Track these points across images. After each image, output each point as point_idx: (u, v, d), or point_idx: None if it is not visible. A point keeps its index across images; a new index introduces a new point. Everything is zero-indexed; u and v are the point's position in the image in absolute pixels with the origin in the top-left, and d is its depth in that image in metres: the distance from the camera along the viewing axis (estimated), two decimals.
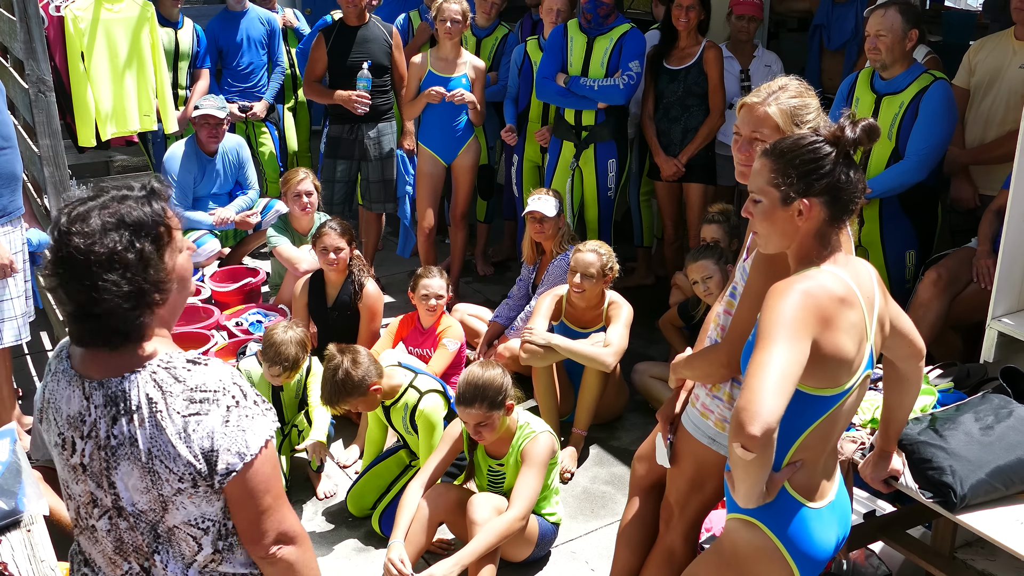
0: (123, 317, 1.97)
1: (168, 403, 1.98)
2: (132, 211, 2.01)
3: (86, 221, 1.95)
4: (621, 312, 4.62)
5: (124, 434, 2.00)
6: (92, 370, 2.04)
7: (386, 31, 6.06)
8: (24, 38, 4.17)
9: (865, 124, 2.31)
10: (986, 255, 4.13)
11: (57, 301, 2.02)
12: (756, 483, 2.22)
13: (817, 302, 2.22)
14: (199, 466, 1.99)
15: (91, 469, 2.05)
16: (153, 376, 2.00)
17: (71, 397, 2.06)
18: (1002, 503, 2.79)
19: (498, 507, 3.67)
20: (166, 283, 2.05)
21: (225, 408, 2.00)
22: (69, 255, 1.93)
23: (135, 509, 2.04)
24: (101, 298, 1.93)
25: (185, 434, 1.97)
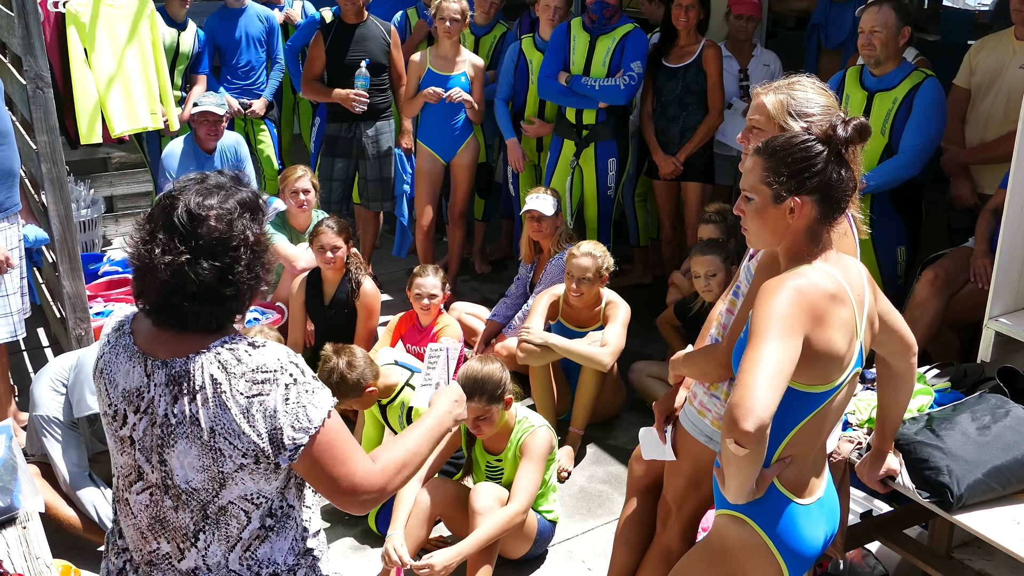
0: (243, 299, 2.08)
1: (232, 384, 2.00)
2: (244, 195, 2.09)
3: (215, 206, 2.02)
4: (618, 311, 4.62)
5: (185, 413, 2.02)
6: (158, 350, 2.07)
7: (384, 29, 6.06)
8: (22, 34, 4.14)
9: (857, 123, 2.32)
10: (983, 255, 4.14)
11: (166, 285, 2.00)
12: (747, 479, 2.23)
13: (809, 299, 2.23)
14: (263, 445, 2.01)
15: (141, 444, 2.07)
16: (218, 357, 2.03)
17: (130, 372, 2.08)
18: (999, 503, 2.80)
19: (500, 497, 3.68)
20: (272, 263, 2.15)
21: (284, 387, 2.02)
22: (205, 238, 1.99)
23: (188, 487, 2.06)
24: (236, 278, 2.03)
25: (249, 414, 2.00)
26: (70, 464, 3.88)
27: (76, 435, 3.95)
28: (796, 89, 2.73)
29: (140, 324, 2.13)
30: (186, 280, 1.99)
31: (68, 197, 4.41)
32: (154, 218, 2.04)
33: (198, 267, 1.99)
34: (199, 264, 1.99)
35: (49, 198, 4.37)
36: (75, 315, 4.46)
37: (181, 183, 2.08)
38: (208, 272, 1.99)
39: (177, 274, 1.98)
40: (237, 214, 2.04)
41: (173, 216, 2.00)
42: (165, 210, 2.02)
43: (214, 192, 2.05)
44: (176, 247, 1.98)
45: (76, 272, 4.44)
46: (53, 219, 4.36)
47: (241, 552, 2.12)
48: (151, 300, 2.05)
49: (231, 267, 2.02)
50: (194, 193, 2.03)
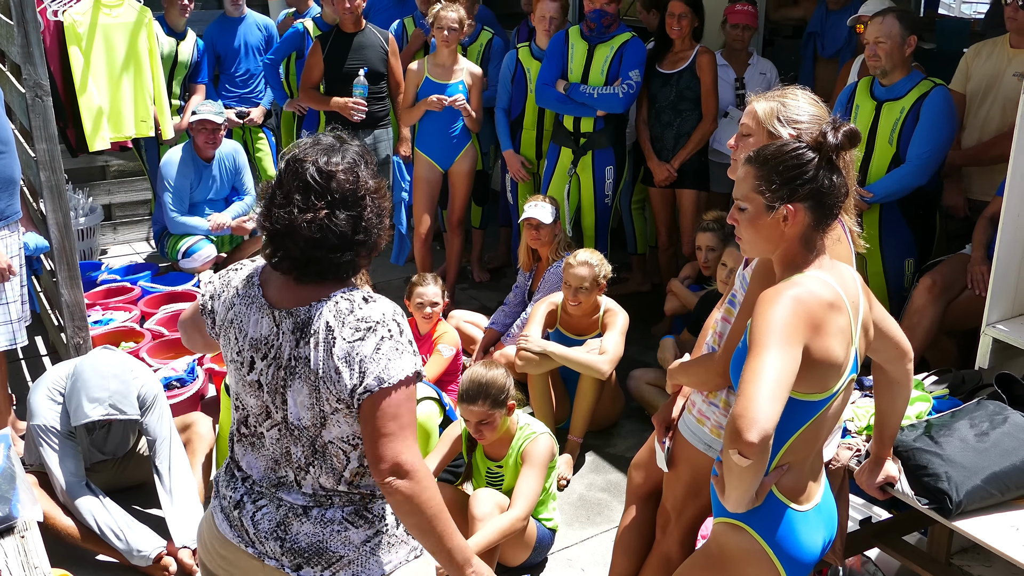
0: (372, 244, 2.29)
1: (339, 331, 2.19)
2: (356, 149, 2.30)
3: (341, 161, 2.23)
4: (616, 319, 4.62)
5: (301, 356, 2.22)
6: (284, 301, 2.27)
7: (382, 38, 6.07)
8: (21, 42, 4.15)
9: (846, 129, 2.33)
10: (980, 261, 4.15)
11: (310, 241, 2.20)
12: (748, 489, 2.23)
13: (807, 308, 2.23)
14: (349, 387, 2.18)
15: (269, 387, 2.27)
16: (335, 306, 2.22)
17: (259, 322, 2.29)
18: (998, 509, 2.80)
19: (500, 504, 3.68)
20: (388, 209, 2.34)
21: (380, 338, 2.19)
22: (338, 191, 2.20)
23: (300, 423, 2.26)
24: (367, 224, 2.24)
25: (348, 358, 2.18)
26: (67, 474, 3.88)
27: (73, 444, 3.94)
28: (788, 98, 2.74)
29: (268, 277, 2.33)
30: (327, 232, 2.19)
31: (67, 205, 4.42)
32: (284, 183, 2.23)
33: (335, 219, 2.19)
34: (336, 215, 2.19)
35: (48, 206, 4.37)
36: (73, 323, 4.46)
37: (299, 148, 2.28)
38: (344, 222, 2.20)
39: (320, 228, 2.18)
40: (358, 165, 2.26)
41: (305, 176, 2.20)
42: (295, 174, 2.22)
43: (333, 150, 2.25)
44: (314, 204, 2.19)
45: (75, 280, 4.45)
46: (52, 227, 4.36)
47: (348, 484, 2.31)
48: (293, 257, 2.23)
49: (361, 214, 2.23)
50: (316, 153, 2.23)
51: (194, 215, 6.19)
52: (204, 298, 2.43)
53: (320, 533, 2.30)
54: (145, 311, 5.61)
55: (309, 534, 2.30)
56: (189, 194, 6.20)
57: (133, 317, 5.50)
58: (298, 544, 2.30)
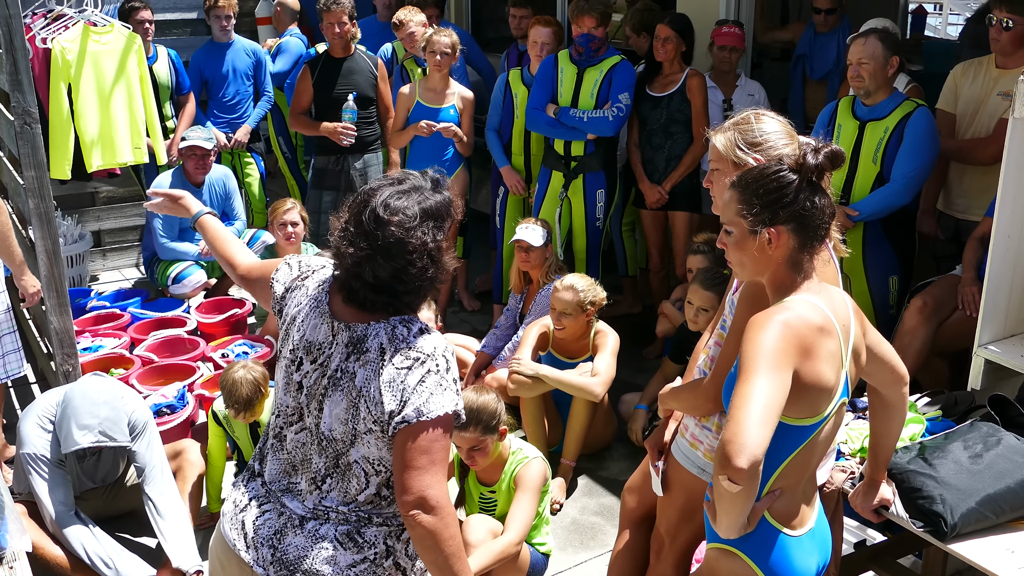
0: (417, 296, 2.32)
1: (391, 355, 2.24)
2: (430, 200, 2.32)
3: (400, 210, 2.25)
4: (607, 341, 4.62)
5: (347, 370, 2.27)
6: (345, 314, 2.33)
7: (371, 63, 6.09)
8: (10, 70, 4.14)
9: (828, 150, 2.33)
10: (971, 282, 4.16)
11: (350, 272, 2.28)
12: (740, 515, 2.22)
13: (797, 332, 2.23)
14: (393, 412, 2.22)
15: (309, 391, 2.33)
16: (392, 330, 2.27)
17: (318, 327, 2.34)
18: (992, 532, 2.79)
19: (493, 529, 3.65)
20: (449, 269, 2.37)
21: (427, 371, 2.24)
22: (385, 238, 2.23)
23: (330, 435, 2.30)
24: (408, 278, 2.26)
25: (393, 384, 2.22)
26: (56, 503, 3.84)
27: (63, 473, 3.91)
28: (743, 124, 2.73)
29: (336, 290, 2.37)
30: (363, 271, 2.25)
31: (55, 232, 4.40)
32: (351, 210, 2.30)
33: (375, 263, 2.23)
34: (375, 261, 2.23)
35: (36, 233, 4.35)
36: (63, 351, 4.43)
37: (380, 181, 2.33)
38: (383, 269, 2.24)
39: (357, 265, 2.25)
40: (418, 221, 2.26)
41: (363, 215, 2.25)
42: (360, 207, 2.28)
43: (405, 195, 2.28)
44: (359, 243, 2.24)
45: (64, 308, 4.42)
46: (40, 255, 4.34)
47: (354, 507, 2.34)
48: (341, 279, 2.32)
49: (405, 268, 2.25)
50: (387, 195, 2.27)
51: (184, 240, 6.17)
52: (275, 282, 2.50)
53: (308, 547, 2.31)
54: (135, 337, 5.58)
55: (298, 547, 2.32)
56: (179, 219, 6.18)
57: (123, 344, 5.47)
58: (287, 556, 2.32)
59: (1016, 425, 3.09)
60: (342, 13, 5.88)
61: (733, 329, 2.65)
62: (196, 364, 5.26)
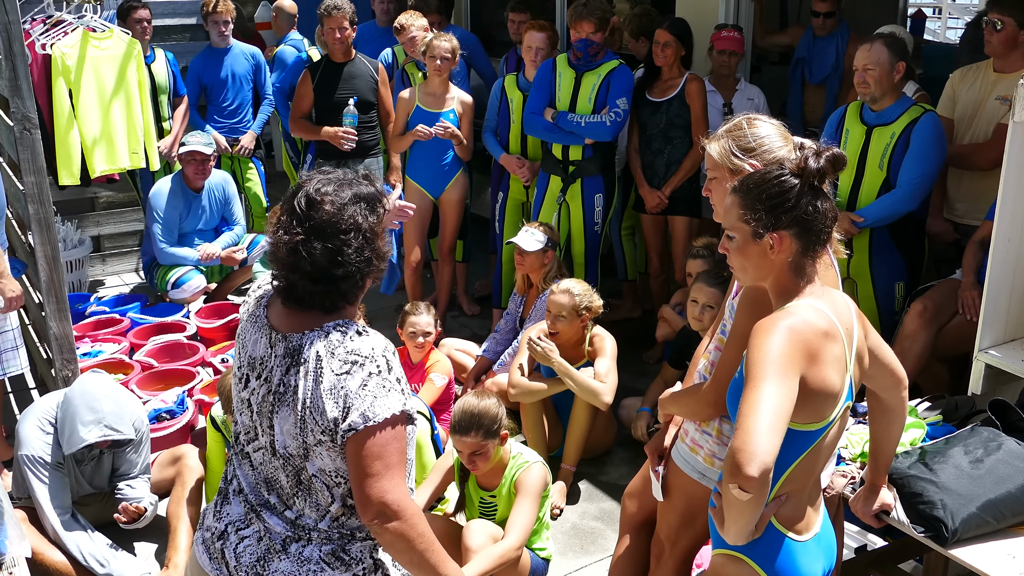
0: (357, 280, 2.27)
1: (328, 362, 2.20)
2: (363, 189, 2.32)
3: (332, 193, 2.25)
4: (606, 346, 4.60)
5: (290, 383, 2.23)
6: (283, 324, 2.30)
7: (372, 67, 6.10)
8: (9, 76, 4.15)
9: (829, 154, 2.32)
10: (971, 286, 4.16)
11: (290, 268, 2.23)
12: (749, 522, 2.21)
13: (802, 338, 2.22)
14: (337, 420, 2.18)
15: (258, 408, 2.30)
16: (327, 336, 2.23)
17: (258, 341, 2.32)
18: (993, 537, 2.78)
19: (493, 535, 3.65)
20: (386, 252, 2.34)
21: (367, 373, 2.20)
22: (319, 220, 2.21)
23: (286, 452, 2.27)
24: (345, 260, 2.22)
25: (334, 391, 2.19)
26: (54, 505, 3.84)
27: (61, 476, 3.91)
28: (734, 131, 2.73)
29: (274, 299, 2.36)
30: (300, 258, 2.20)
31: (55, 238, 4.40)
32: (285, 203, 2.29)
33: (310, 246, 2.19)
34: (311, 244, 2.20)
35: (36, 239, 4.35)
36: (62, 356, 4.43)
37: (311, 174, 2.34)
38: (319, 252, 2.20)
39: (292, 252, 2.20)
40: (350, 201, 2.25)
41: (294, 201, 2.25)
42: (291, 197, 2.27)
43: (334, 181, 2.28)
44: (293, 228, 2.21)
45: (63, 313, 4.42)
46: (40, 260, 4.34)
47: (331, 521, 2.30)
48: (280, 279, 2.28)
49: (341, 249, 2.21)
50: (316, 182, 2.28)
51: (183, 246, 6.17)
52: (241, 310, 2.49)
53: (296, 572, 2.28)
54: (134, 342, 5.58)
55: (286, 572, 2.28)
56: (178, 225, 6.19)
57: (122, 349, 5.48)
58: None
59: (1017, 430, 3.08)
60: (343, 18, 5.88)
61: (733, 334, 2.64)
62: (195, 369, 5.26)
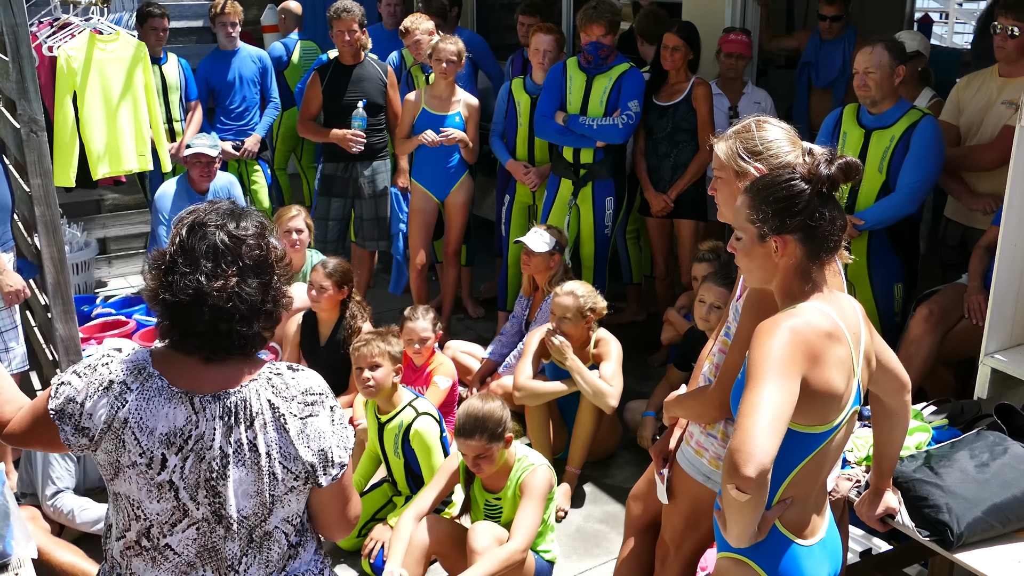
0: (277, 316, 2.18)
1: (286, 407, 2.12)
2: (257, 216, 2.21)
3: (247, 227, 2.14)
4: (611, 350, 4.60)
5: (240, 441, 2.09)
6: (203, 385, 2.10)
7: (381, 70, 6.11)
8: (16, 78, 4.16)
9: (842, 162, 2.31)
10: (977, 291, 4.15)
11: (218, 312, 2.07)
12: (749, 524, 2.21)
13: (805, 339, 2.22)
14: (316, 464, 2.14)
15: (185, 483, 2.08)
16: (269, 382, 2.13)
17: (171, 414, 2.07)
18: (999, 541, 2.78)
19: (499, 537, 3.65)
20: (290, 276, 2.26)
21: (330, 408, 2.17)
22: (249, 258, 2.11)
23: (240, 515, 2.12)
24: (274, 294, 2.15)
25: (304, 434, 2.12)
26: (60, 486, 3.87)
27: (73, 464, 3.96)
28: (743, 133, 2.73)
29: (168, 364, 2.12)
30: (237, 301, 2.07)
31: (61, 240, 4.41)
32: (188, 249, 2.08)
33: (246, 286, 2.09)
34: (246, 283, 2.09)
35: (42, 241, 4.36)
36: (68, 358, 4.44)
37: (197, 214, 2.14)
38: (255, 291, 2.11)
39: (230, 297, 2.06)
40: (265, 232, 2.19)
41: (215, 241, 2.08)
42: (201, 240, 2.08)
43: (237, 216, 2.15)
44: (224, 270, 2.07)
45: (69, 315, 4.43)
46: (46, 262, 4.35)
47: (277, 573, 2.22)
48: (199, 332, 2.08)
49: (270, 282, 2.15)
50: (222, 218, 2.13)
51: None
52: (59, 401, 2.10)
53: None
54: (140, 344, 5.58)
55: None
56: None
57: None
58: None
59: (1023, 434, 3.08)
60: (352, 21, 5.89)
61: (737, 337, 2.64)
62: None
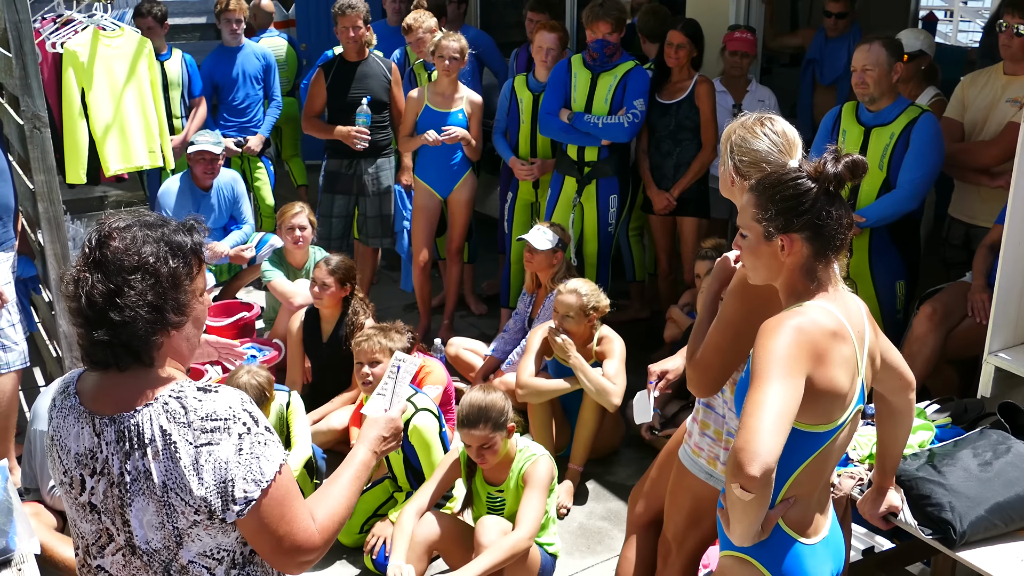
0: (138, 330, 1.95)
1: (181, 434, 1.93)
2: (174, 234, 2.04)
3: (128, 231, 1.99)
4: (614, 348, 4.61)
5: (138, 469, 1.95)
6: (103, 405, 2.00)
7: (385, 67, 6.11)
8: (20, 74, 4.16)
9: (848, 160, 2.30)
10: (981, 289, 4.16)
11: (73, 313, 1.97)
12: (753, 522, 2.21)
13: (809, 338, 2.22)
14: (212, 499, 1.93)
15: (104, 507, 2.00)
16: (165, 407, 1.95)
17: (80, 434, 2.00)
18: (1002, 540, 2.79)
19: (505, 530, 3.68)
20: (187, 308, 2.04)
21: (237, 436, 1.95)
22: (103, 256, 1.95)
23: (148, 547, 2.00)
24: (124, 303, 1.93)
25: (197, 465, 1.92)
26: None
27: None
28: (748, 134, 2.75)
29: (85, 383, 2.07)
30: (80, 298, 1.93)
31: (64, 237, 4.42)
32: None
33: (86, 282, 1.94)
34: (91, 280, 1.94)
35: (45, 237, 4.38)
36: (72, 354, 4.45)
37: (113, 217, 2.05)
38: (97, 290, 1.93)
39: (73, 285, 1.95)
40: (146, 241, 1.99)
41: (90, 239, 2.00)
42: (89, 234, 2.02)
43: (139, 222, 2.03)
44: (79, 263, 1.98)
45: None
46: (49, 258, 4.37)
47: None
48: (80, 341, 2.00)
49: (121, 288, 1.94)
50: (117, 219, 2.03)
51: None
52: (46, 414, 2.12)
53: None
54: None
55: None
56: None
57: None
58: None
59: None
60: (356, 17, 5.89)
61: (720, 317, 2.63)
62: (204, 367, 5.27)
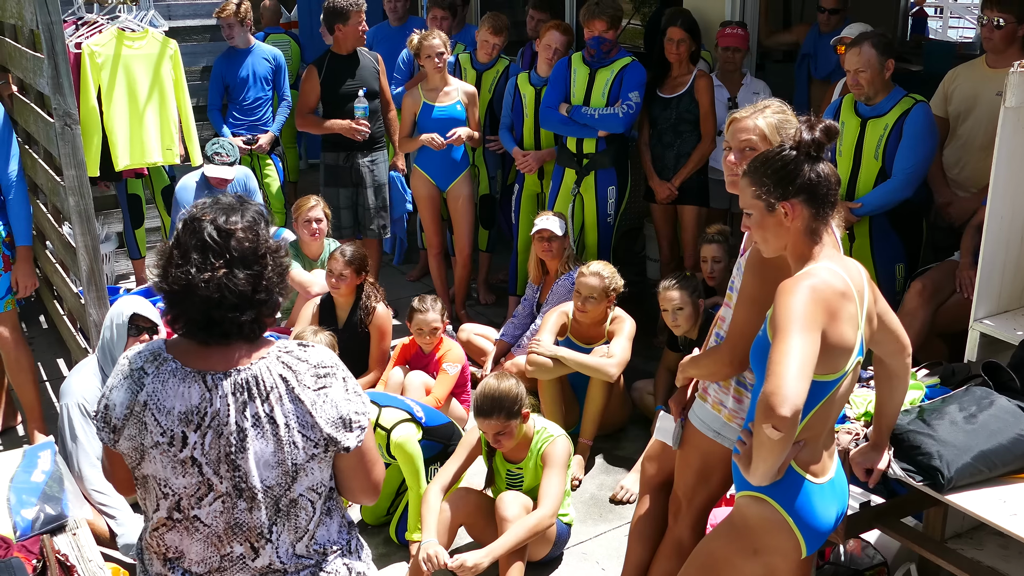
0: (274, 302, 2.26)
1: (299, 379, 2.21)
2: (255, 209, 2.30)
3: (242, 217, 2.23)
4: (624, 326, 4.82)
5: (259, 414, 2.19)
6: (215, 364, 2.21)
7: (373, 58, 6.27)
8: (51, 73, 4.34)
9: (822, 125, 2.59)
10: (968, 267, 4.34)
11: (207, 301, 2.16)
12: (776, 462, 2.44)
13: (823, 296, 2.48)
14: (334, 432, 2.23)
15: (207, 458, 2.18)
16: (279, 359, 2.24)
17: (186, 393, 2.19)
18: (986, 485, 2.98)
19: (525, 505, 3.85)
20: (288, 268, 2.34)
21: (342, 379, 2.27)
22: (234, 250, 2.18)
23: (264, 484, 2.21)
24: (267, 284, 2.22)
25: (319, 404, 2.22)
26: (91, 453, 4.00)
27: None
28: (775, 111, 3.05)
29: (181, 348, 2.25)
30: (225, 291, 2.15)
31: (95, 229, 4.59)
32: (182, 242, 2.20)
33: (234, 277, 2.17)
34: (234, 274, 2.17)
35: (76, 230, 4.55)
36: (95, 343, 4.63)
37: (197, 208, 2.26)
38: (244, 281, 2.17)
39: (218, 287, 2.15)
40: (258, 225, 2.26)
41: (203, 235, 2.18)
42: (193, 233, 2.19)
43: (232, 210, 2.24)
44: (212, 263, 2.16)
45: (103, 301, 4.63)
46: (80, 250, 4.53)
47: (308, 540, 2.31)
48: (193, 318, 2.19)
49: (261, 273, 2.21)
50: (215, 213, 2.22)
51: None
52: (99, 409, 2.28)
53: None
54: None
55: None
56: None
57: None
58: None
59: (1008, 389, 3.28)
60: (362, 12, 6.08)
61: (742, 294, 2.88)
62: None
